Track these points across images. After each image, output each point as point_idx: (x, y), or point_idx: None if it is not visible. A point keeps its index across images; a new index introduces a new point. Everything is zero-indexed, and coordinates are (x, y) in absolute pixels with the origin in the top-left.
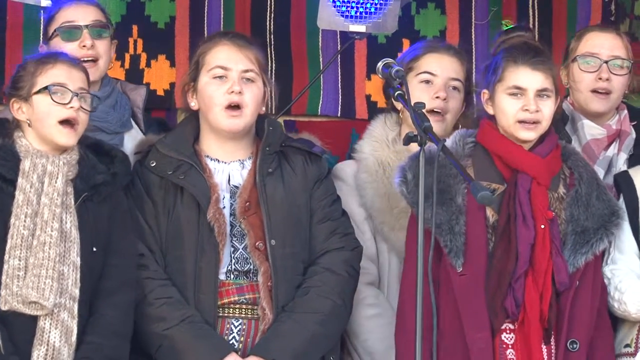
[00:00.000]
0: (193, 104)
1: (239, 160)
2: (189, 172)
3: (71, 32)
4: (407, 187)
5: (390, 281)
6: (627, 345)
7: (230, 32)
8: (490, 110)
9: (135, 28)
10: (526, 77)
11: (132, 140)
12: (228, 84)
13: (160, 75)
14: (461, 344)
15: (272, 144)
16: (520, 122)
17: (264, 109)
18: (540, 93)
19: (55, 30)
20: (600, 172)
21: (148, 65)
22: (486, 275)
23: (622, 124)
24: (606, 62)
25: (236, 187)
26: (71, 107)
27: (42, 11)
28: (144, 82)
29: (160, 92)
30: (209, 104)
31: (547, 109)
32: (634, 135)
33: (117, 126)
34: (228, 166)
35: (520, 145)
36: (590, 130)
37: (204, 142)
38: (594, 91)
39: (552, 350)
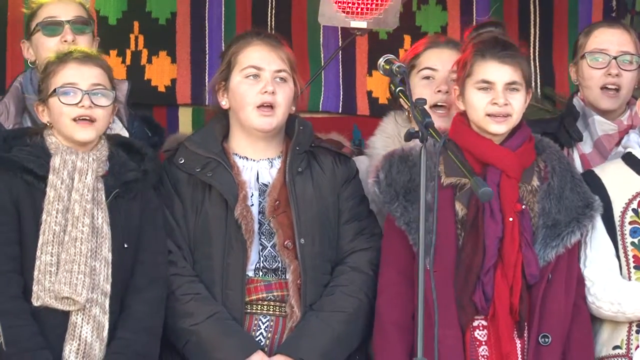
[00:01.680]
0: (224, 103)
1: (268, 159)
2: (217, 169)
3: (53, 27)
4: (379, 187)
5: None
6: (617, 347)
7: (262, 32)
8: (461, 106)
9: (136, 24)
10: (494, 71)
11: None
12: (261, 84)
13: (161, 71)
14: (432, 340)
15: (302, 143)
16: (490, 115)
17: (293, 108)
18: (509, 86)
19: (37, 25)
20: None
21: (149, 61)
22: (455, 271)
23: (633, 119)
24: (615, 58)
25: (265, 185)
26: (82, 106)
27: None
28: (145, 78)
29: (161, 89)
30: (241, 103)
31: (517, 102)
32: None
33: None
34: (257, 164)
35: (490, 140)
36: (602, 126)
37: (233, 141)
38: (604, 88)
39: (526, 345)
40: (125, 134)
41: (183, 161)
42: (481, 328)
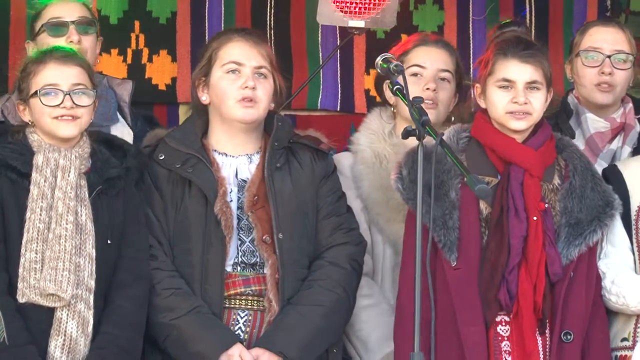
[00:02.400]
0: (204, 98)
1: (247, 154)
2: (197, 165)
3: (58, 28)
4: (402, 184)
5: (384, 272)
6: (625, 339)
7: (243, 29)
8: (482, 104)
9: (137, 23)
10: (515, 70)
11: (118, 133)
12: (242, 79)
13: (162, 70)
14: (457, 337)
15: (281, 139)
16: (509, 113)
17: (273, 105)
18: (530, 85)
19: (42, 26)
20: (604, 166)
21: (150, 60)
22: (480, 268)
23: (626, 117)
24: (609, 56)
25: (244, 181)
26: (64, 107)
27: (28, 8)
28: (146, 77)
29: (162, 87)
30: (222, 98)
31: (537, 100)
32: (638, 128)
33: (100, 120)
34: (236, 160)
35: (512, 138)
36: (594, 123)
37: (212, 136)
38: (598, 86)
39: (547, 341)
40: (130, 132)
41: (163, 157)
42: (503, 324)
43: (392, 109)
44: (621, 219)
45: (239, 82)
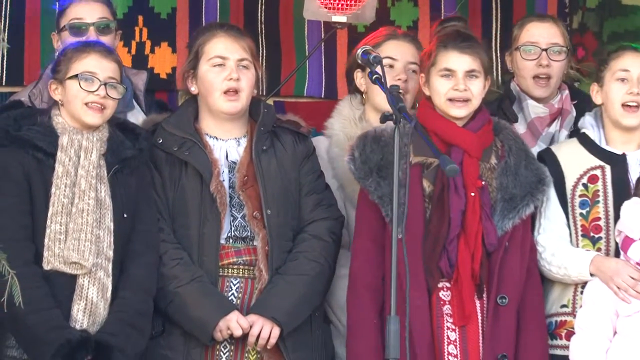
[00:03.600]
0: (193, 89)
1: (235, 138)
2: (193, 148)
3: (79, 28)
4: (354, 164)
5: None
6: (564, 306)
7: (225, 25)
8: (426, 92)
9: (140, 18)
10: (455, 60)
11: (134, 119)
12: (226, 72)
13: (163, 60)
14: (402, 301)
15: (266, 124)
16: (451, 100)
17: (255, 91)
18: (469, 74)
19: (65, 25)
20: (543, 147)
21: (152, 51)
22: (423, 240)
23: (563, 103)
24: (545, 50)
25: (234, 162)
26: (97, 94)
27: (56, 2)
28: (149, 66)
29: (163, 76)
30: (209, 89)
31: (476, 87)
32: (574, 113)
33: (120, 107)
34: (225, 143)
35: (453, 123)
36: (534, 109)
37: (203, 122)
38: (536, 77)
39: (485, 305)
40: (144, 117)
41: (161, 141)
42: (445, 289)
43: (362, 96)
44: (558, 196)
45: (223, 74)
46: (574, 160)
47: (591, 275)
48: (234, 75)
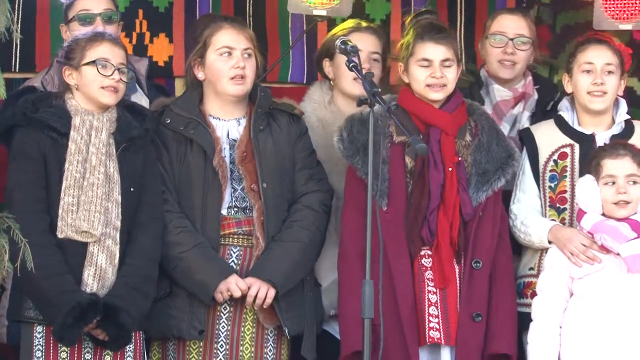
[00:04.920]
0: (200, 75)
1: (236, 118)
2: (197, 128)
3: (87, 19)
4: (343, 144)
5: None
6: (531, 269)
7: (228, 17)
8: (406, 79)
9: (140, 11)
10: (431, 50)
11: (137, 101)
12: (233, 60)
13: (161, 49)
14: (387, 268)
15: (263, 106)
16: (429, 85)
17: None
18: (444, 63)
19: (73, 17)
20: (506, 127)
21: (151, 41)
22: (405, 212)
23: (526, 87)
24: (512, 39)
25: (234, 140)
26: (113, 79)
27: None
28: (148, 55)
29: (161, 64)
30: (217, 76)
31: (451, 74)
32: (536, 96)
33: (125, 90)
34: (227, 123)
35: (431, 105)
36: (500, 93)
37: (207, 104)
38: (501, 61)
39: (462, 270)
40: (146, 100)
41: (169, 121)
42: (426, 257)
43: (330, 82)
44: (532, 171)
45: (231, 62)
46: (548, 138)
47: (549, 242)
48: (240, 64)
